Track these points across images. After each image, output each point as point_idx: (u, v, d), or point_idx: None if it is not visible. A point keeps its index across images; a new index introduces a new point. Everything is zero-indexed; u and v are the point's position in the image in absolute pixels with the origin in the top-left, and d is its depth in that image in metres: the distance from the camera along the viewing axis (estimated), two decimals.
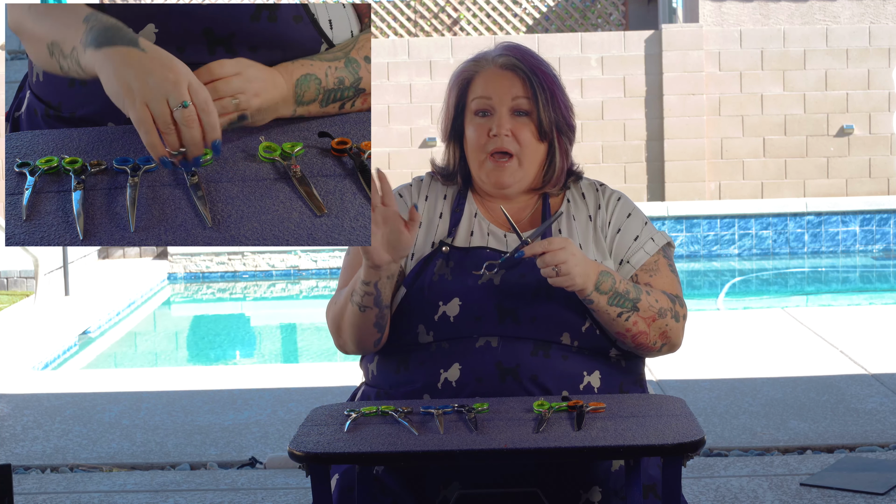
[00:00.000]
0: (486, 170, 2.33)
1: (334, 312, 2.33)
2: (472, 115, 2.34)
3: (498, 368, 2.23)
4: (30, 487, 3.71)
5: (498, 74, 2.33)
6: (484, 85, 2.33)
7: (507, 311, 2.25)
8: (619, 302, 2.23)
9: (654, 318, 2.27)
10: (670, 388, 4.80)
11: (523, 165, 2.33)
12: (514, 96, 2.31)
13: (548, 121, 2.32)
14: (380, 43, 11.04)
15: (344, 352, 2.36)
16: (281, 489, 3.66)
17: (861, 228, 10.21)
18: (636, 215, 2.40)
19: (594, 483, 2.18)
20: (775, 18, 11.38)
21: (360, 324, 2.26)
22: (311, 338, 8.27)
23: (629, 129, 11.02)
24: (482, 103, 2.32)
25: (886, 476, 3.52)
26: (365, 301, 2.23)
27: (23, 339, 6.68)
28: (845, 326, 6.11)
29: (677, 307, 2.32)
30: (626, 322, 2.25)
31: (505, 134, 2.30)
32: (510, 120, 2.31)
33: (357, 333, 2.28)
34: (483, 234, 2.35)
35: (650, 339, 2.28)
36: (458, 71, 2.38)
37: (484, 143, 2.32)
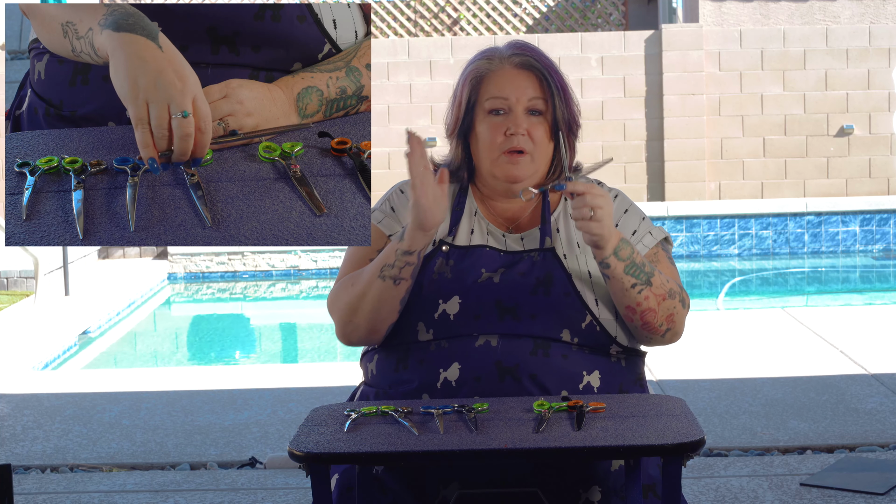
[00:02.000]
0: (500, 165, 2.33)
1: (351, 295, 2.28)
2: (485, 114, 2.33)
3: (497, 368, 2.23)
4: (30, 487, 3.71)
5: (514, 74, 2.33)
6: (499, 84, 2.32)
7: (507, 309, 2.25)
8: (635, 272, 2.23)
9: (664, 296, 2.27)
10: (670, 388, 4.80)
11: (535, 162, 2.33)
12: (530, 97, 2.31)
13: (562, 120, 2.33)
14: (380, 43, 11.04)
15: (348, 341, 2.32)
16: (281, 489, 3.66)
17: (861, 228, 10.21)
18: (633, 211, 2.40)
19: (594, 482, 2.18)
20: (775, 18, 11.38)
21: (387, 299, 2.23)
22: (311, 338, 8.27)
23: (629, 129, 11.02)
24: (498, 103, 2.32)
25: (886, 476, 3.52)
26: (403, 273, 2.21)
27: (23, 339, 6.68)
28: (845, 326, 6.10)
29: (683, 294, 2.33)
30: (638, 295, 2.24)
31: (521, 133, 2.31)
32: (526, 119, 2.32)
33: (377, 312, 2.25)
34: (483, 233, 2.35)
35: (657, 320, 2.27)
36: (469, 69, 2.37)
37: (500, 142, 2.31)
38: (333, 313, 2.33)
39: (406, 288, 2.24)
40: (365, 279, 2.26)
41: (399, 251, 2.21)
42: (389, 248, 2.23)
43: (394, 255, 2.21)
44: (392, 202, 2.39)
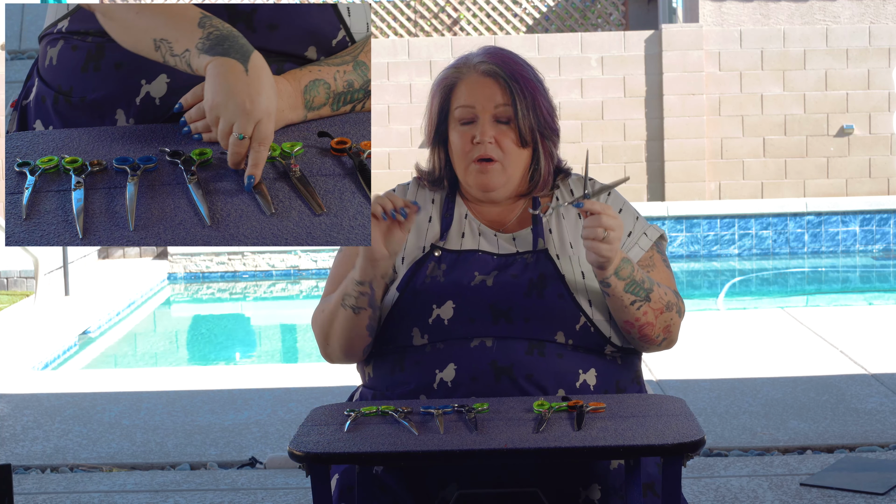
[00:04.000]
0: (472, 174, 2.34)
1: (322, 320, 2.33)
2: (455, 122, 2.34)
3: (493, 368, 2.23)
4: (30, 487, 3.71)
5: (479, 82, 2.33)
6: (466, 93, 2.33)
7: (501, 312, 2.25)
8: (635, 290, 2.23)
9: (662, 310, 2.27)
10: (670, 387, 4.80)
11: (507, 171, 2.33)
12: (496, 104, 2.31)
13: (528, 128, 2.32)
14: (380, 43, 11.04)
15: (330, 361, 2.38)
16: (281, 489, 3.66)
17: (861, 228, 10.21)
18: (627, 210, 2.40)
19: (594, 481, 2.18)
20: (775, 18, 11.38)
21: (352, 327, 2.27)
22: (311, 338, 8.26)
23: (629, 129, 11.02)
24: (465, 112, 2.33)
25: (886, 476, 3.52)
26: (360, 302, 2.24)
27: (23, 339, 6.68)
28: (845, 326, 6.10)
29: (680, 303, 2.33)
30: (637, 311, 2.25)
31: (489, 141, 2.31)
32: (493, 127, 2.31)
33: (347, 338, 2.28)
34: (475, 235, 2.35)
35: (655, 332, 2.29)
36: (440, 77, 2.39)
37: (468, 151, 2.32)
38: (315, 333, 2.38)
39: (368, 316, 2.26)
40: (331, 307, 2.30)
41: (354, 281, 2.24)
42: (347, 279, 2.27)
43: (351, 286, 2.25)
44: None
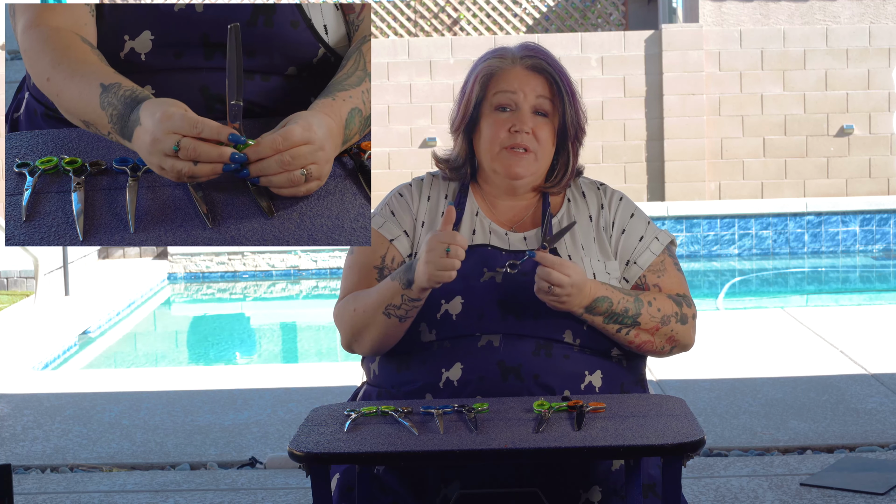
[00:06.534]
0: (502, 159, 2.33)
1: (354, 321, 2.30)
2: (491, 110, 2.34)
3: (500, 367, 2.23)
4: (30, 487, 3.71)
5: (524, 74, 2.34)
6: (509, 81, 2.33)
7: (510, 309, 2.25)
8: (617, 319, 2.26)
9: (657, 328, 2.28)
10: (670, 388, 4.80)
11: (539, 162, 2.34)
12: (538, 95, 2.32)
13: (570, 124, 2.35)
14: (380, 43, 11.04)
15: (352, 352, 2.37)
16: (281, 489, 3.66)
17: (861, 228, 10.20)
18: (639, 215, 2.41)
19: (594, 482, 2.18)
20: (775, 18, 11.38)
21: (394, 332, 2.27)
22: (311, 338, 8.27)
23: (629, 129, 11.02)
24: (504, 98, 2.32)
25: (886, 476, 3.52)
26: (410, 313, 2.24)
27: (23, 339, 6.68)
28: (845, 326, 6.10)
29: (684, 309, 2.32)
30: (626, 336, 2.28)
31: (526, 131, 2.32)
32: (532, 118, 2.32)
33: (384, 340, 2.28)
34: (485, 233, 2.35)
35: (656, 346, 2.31)
36: (481, 65, 2.37)
37: (504, 138, 2.32)
38: (339, 328, 2.36)
39: (412, 321, 2.26)
40: (368, 311, 2.27)
41: (406, 297, 2.22)
42: (394, 290, 2.23)
43: (400, 299, 2.22)
44: (392, 206, 2.40)
